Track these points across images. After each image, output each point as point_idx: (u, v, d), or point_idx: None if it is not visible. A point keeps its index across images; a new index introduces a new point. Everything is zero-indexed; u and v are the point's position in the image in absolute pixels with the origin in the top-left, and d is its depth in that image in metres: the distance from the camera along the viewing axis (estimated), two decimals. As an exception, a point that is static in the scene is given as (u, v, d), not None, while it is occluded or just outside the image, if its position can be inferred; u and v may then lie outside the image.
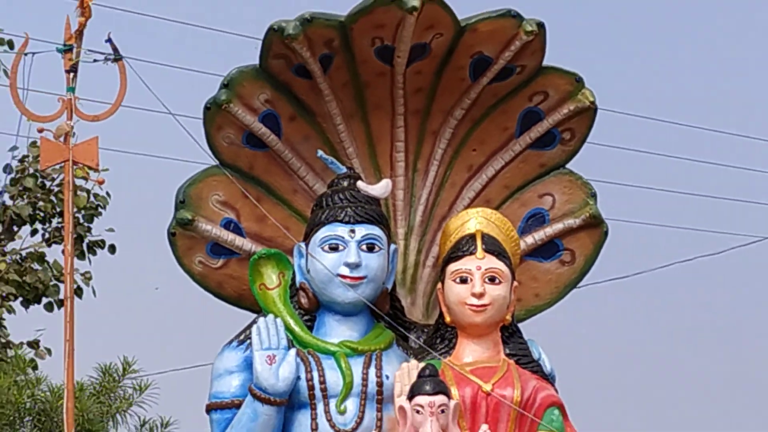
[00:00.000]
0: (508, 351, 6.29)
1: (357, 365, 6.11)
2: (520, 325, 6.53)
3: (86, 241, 12.23)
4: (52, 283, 11.75)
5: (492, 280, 6.14)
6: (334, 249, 6.11)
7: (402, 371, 6.01)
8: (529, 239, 6.86)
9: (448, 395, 5.69)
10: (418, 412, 5.57)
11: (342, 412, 6.03)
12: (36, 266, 11.77)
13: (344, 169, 6.46)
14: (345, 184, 6.32)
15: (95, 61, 6.06)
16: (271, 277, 6.39)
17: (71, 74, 6.04)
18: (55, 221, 12.06)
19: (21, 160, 11.91)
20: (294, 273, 6.33)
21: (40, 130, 6.11)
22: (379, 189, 6.42)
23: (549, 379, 6.33)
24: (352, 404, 6.04)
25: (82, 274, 11.96)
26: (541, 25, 6.41)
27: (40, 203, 11.90)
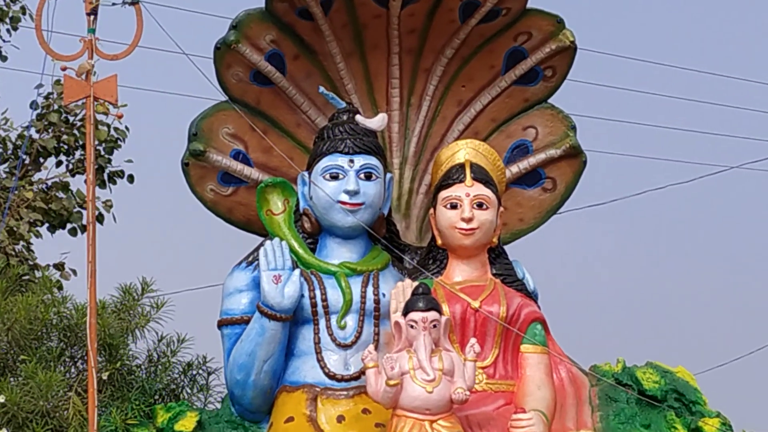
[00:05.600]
0: (494, 271, 6.35)
1: (356, 284, 6.19)
2: (505, 247, 6.66)
3: (107, 171, 12.22)
4: (75, 210, 11.79)
5: (480, 205, 6.20)
6: (334, 177, 6.20)
7: (397, 289, 6.06)
8: (514, 168, 6.98)
9: (440, 311, 5.62)
10: (412, 326, 5.55)
11: (342, 327, 6.12)
12: (60, 195, 11.79)
13: (344, 104, 6.49)
14: (344, 117, 6.37)
15: (114, 4, 6.04)
16: (276, 203, 6.48)
17: (92, 17, 6.06)
18: (78, 153, 12.02)
19: (46, 97, 11.82)
20: (298, 200, 6.45)
21: (64, 69, 6.12)
22: (376, 122, 6.50)
23: (532, 296, 6.40)
24: (351, 320, 6.13)
25: (103, 202, 11.99)
26: None
27: (64, 137, 11.86)
